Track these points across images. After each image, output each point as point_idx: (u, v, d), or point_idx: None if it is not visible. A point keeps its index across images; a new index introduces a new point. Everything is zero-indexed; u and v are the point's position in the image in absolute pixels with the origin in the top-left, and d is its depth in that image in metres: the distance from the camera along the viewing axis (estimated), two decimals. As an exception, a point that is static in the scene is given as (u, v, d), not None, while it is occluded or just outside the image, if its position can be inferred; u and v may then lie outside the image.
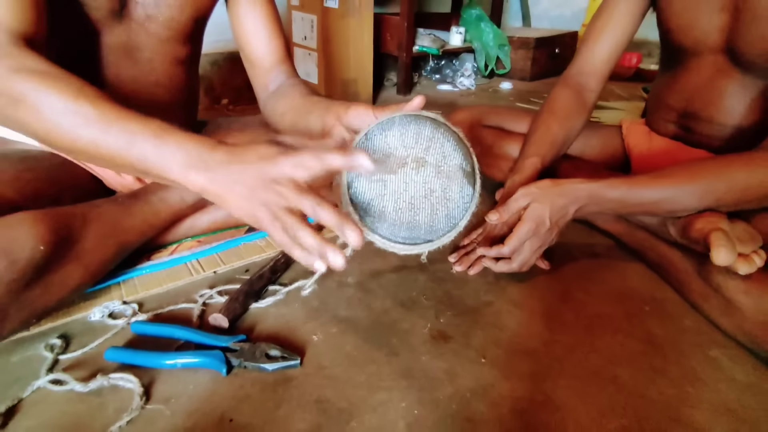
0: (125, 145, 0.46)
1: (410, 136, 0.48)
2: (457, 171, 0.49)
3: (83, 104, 0.47)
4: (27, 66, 0.48)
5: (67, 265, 0.55)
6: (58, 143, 0.49)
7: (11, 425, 0.45)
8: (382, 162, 0.47)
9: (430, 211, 0.49)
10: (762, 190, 0.60)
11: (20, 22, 0.51)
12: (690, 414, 0.49)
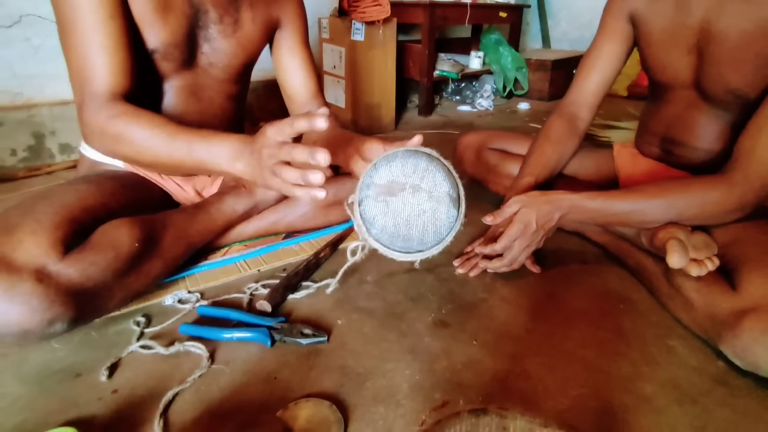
0: (187, 153, 0.66)
1: (409, 166, 0.62)
2: (445, 196, 0.63)
3: (157, 131, 0.66)
4: (119, 112, 0.68)
5: (152, 259, 0.72)
6: (146, 160, 0.69)
7: (115, 376, 0.61)
8: (386, 187, 0.61)
9: (422, 228, 0.62)
10: (717, 207, 0.71)
11: (117, 84, 0.69)
12: (641, 387, 0.60)
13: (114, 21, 0.67)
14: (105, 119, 0.66)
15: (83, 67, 0.68)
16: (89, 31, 0.66)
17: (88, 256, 0.62)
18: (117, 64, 0.69)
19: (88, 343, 0.67)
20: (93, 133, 0.69)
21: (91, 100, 0.67)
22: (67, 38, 0.67)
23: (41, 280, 0.57)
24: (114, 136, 0.68)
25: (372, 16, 1.70)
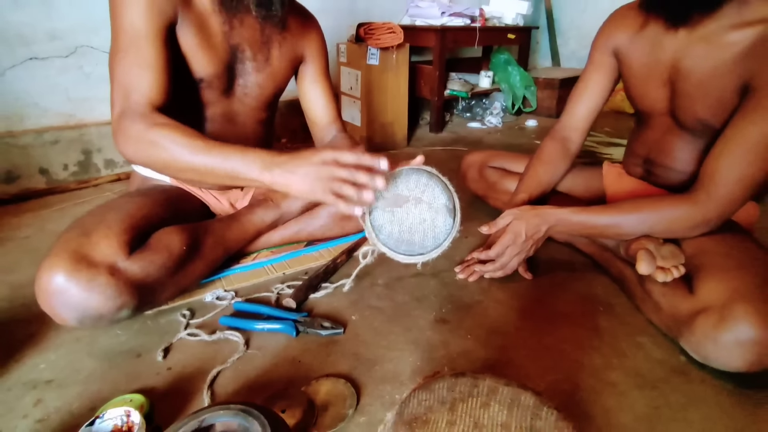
0: (221, 162, 0.72)
1: (412, 182, 0.74)
2: (443, 207, 0.74)
3: (194, 141, 0.73)
4: (157, 122, 0.75)
5: (195, 260, 0.86)
6: (181, 167, 0.74)
7: (169, 357, 0.74)
8: (392, 200, 0.73)
9: (423, 234, 0.74)
10: (683, 223, 0.81)
11: (155, 96, 0.78)
12: (608, 375, 0.70)
13: (159, 47, 0.78)
14: (144, 127, 0.74)
15: (128, 80, 0.77)
16: (139, 50, 0.77)
17: (148, 256, 0.76)
18: (158, 82, 0.79)
19: (145, 331, 0.80)
20: (129, 138, 0.74)
21: (131, 109, 0.76)
22: (118, 55, 0.78)
23: (113, 274, 0.70)
24: (150, 142, 0.74)
25: (386, 42, 1.84)
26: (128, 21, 0.77)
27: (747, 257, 0.75)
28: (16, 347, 0.77)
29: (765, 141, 0.73)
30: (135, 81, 0.77)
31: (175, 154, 0.73)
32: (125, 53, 0.77)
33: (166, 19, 0.79)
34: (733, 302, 0.66)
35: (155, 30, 0.78)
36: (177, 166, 0.74)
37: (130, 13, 0.76)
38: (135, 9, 0.76)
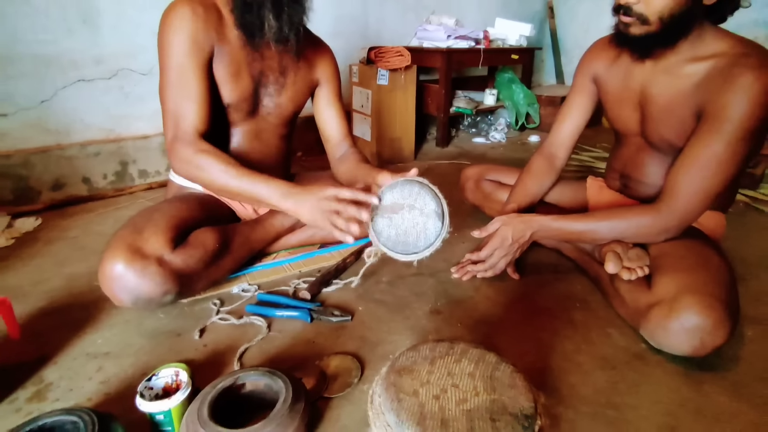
0: (250, 187, 0.91)
1: (406, 192, 0.87)
2: (433, 213, 0.87)
3: (230, 168, 0.92)
4: (203, 149, 0.93)
5: (225, 257, 1.00)
6: (217, 187, 0.94)
7: (204, 336, 0.88)
8: (390, 207, 0.86)
9: (416, 236, 0.87)
10: (647, 230, 0.92)
11: (199, 124, 0.95)
12: (577, 358, 0.82)
13: (202, 81, 0.96)
14: (192, 152, 0.92)
15: (177, 110, 0.94)
16: (184, 86, 0.94)
17: (188, 251, 0.91)
18: (201, 112, 0.96)
19: (183, 315, 0.95)
20: (181, 161, 0.94)
21: (181, 137, 0.94)
22: (168, 88, 0.95)
23: (161, 264, 0.85)
24: (197, 165, 0.93)
25: (395, 64, 2.00)
26: (174, 59, 0.93)
27: (700, 259, 0.86)
28: (77, 326, 0.91)
29: (716, 159, 0.85)
30: (183, 112, 0.94)
31: (215, 177, 0.92)
32: (173, 87, 0.94)
33: (205, 54, 0.95)
34: (680, 295, 0.77)
35: (197, 65, 0.94)
36: (216, 187, 0.95)
37: (176, 52, 0.92)
38: (180, 48, 0.92)
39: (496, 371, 0.54)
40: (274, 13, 0.92)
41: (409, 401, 0.49)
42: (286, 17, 0.94)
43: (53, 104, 1.58)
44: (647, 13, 0.85)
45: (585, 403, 0.72)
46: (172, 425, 0.66)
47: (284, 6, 0.93)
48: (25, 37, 1.48)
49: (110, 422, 0.59)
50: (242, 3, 0.93)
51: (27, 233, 1.37)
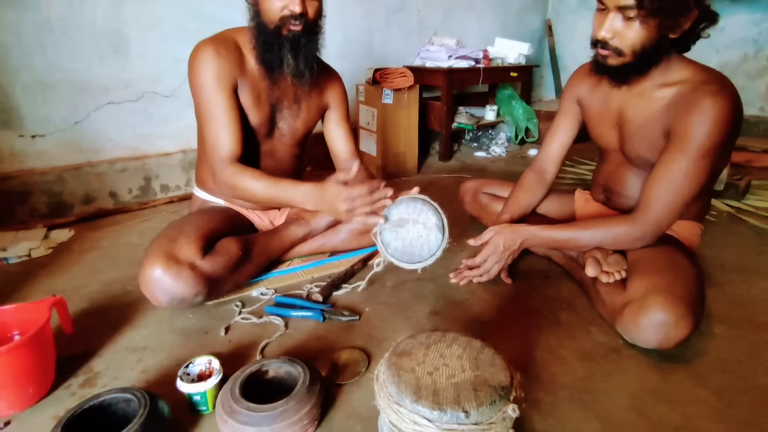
0: (277, 193, 1.05)
1: (410, 208, 0.98)
2: (434, 226, 0.98)
3: (262, 180, 1.05)
4: (237, 171, 1.07)
5: (247, 263, 1.12)
6: (257, 198, 1.08)
7: (229, 333, 0.99)
8: (396, 222, 0.98)
9: (419, 247, 0.98)
10: (624, 238, 1.03)
11: (235, 151, 1.09)
12: (559, 351, 0.92)
13: (231, 110, 1.09)
14: (229, 175, 1.06)
15: (214, 142, 1.09)
16: (217, 118, 1.08)
17: (215, 258, 1.03)
18: (234, 138, 1.09)
19: (209, 315, 1.06)
20: (221, 183, 1.09)
21: (219, 163, 1.08)
22: (204, 123, 1.10)
23: (193, 269, 0.97)
24: (233, 185, 1.08)
25: (399, 84, 2.13)
26: (206, 96, 1.07)
27: (670, 263, 0.97)
28: (116, 325, 1.03)
29: (682, 174, 0.96)
30: (219, 142, 1.08)
31: (252, 191, 1.07)
32: (208, 120, 1.08)
33: (231, 87, 1.09)
34: (649, 295, 0.88)
35: (225, 98, 1.07)
36: (254, 198, 1.10)
37: (206, 89, 1.06)
38: (209, 85, 1.06)
39: (480, 354, 0.64)
40: (292, 53, 1.06)
41: (408, 376, 0.59)
42: (302, 56, 1.07)
43: (85, 125, 1.72)
44: (622, 46, 0.97)
45: (564, 389, 0.82)
46: (206, 404, 0.77)
47: (301, 47, 1.06)
48: (63, 66, 1.63)
49: (157, 400, 0.70)
50: (264, 43, 1.06)
51: (62, 243, 1.50)
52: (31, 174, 1.64)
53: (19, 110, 1.58)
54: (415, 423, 0.55)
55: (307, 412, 0.69)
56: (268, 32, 1.06)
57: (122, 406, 0.71)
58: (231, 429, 0.67)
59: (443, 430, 0.54)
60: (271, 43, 1.06)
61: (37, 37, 1.56)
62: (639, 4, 0.89)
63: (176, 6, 1.81)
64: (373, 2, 2.49)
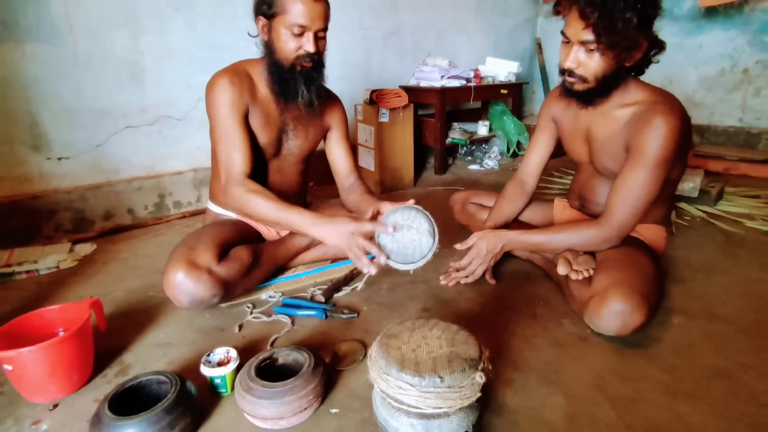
0: (285, 217, 1.15)
1: (405, 215, 1.11)
2: (426, 232, 1.11)
3: (271, 203, 1.16)
4: (249, 188, 1.19)
5: (256, 269, 1.25)
6: (263, 218, 1.19)
7: (242, 330, 1.12)
8: (392, 227, 1.11)
9: (413, 249, 1.11)
10: (592, 240, 1.16)
11: (245, 167, 1.23)
12: (533, 340, 1.04)
13: (243, 133, 1.23)
14: (240, 192, 1.19)
15: (227, 161, 1.22)
16: (230, 140, 1.21)
17: (229, 264, 1.16)
18: (245, 158, 1.23)
19: (224, 316, 1.19)
20: (234, 199, 1.20)
21: (233, 180, 1.20)
22: (218, 143, 1.22)
23: (210, 274, 1.10)
24: (243, 202, 1.19)
25: (394, 104, 2.29)
26: (220, 120, 1.20)
27: (631, 261, 1.09)
28: (142, 325, 1.16)
29: (640, 183, 1.09)
30: (232, 160, 1.21)
31: (260, 211, 1.17)
32: (222, 141, 1.21)
33: (242, 112, 1.23)
34: (610, 288, 1.00)
35: (237, 122, 1.21)
36: (261, 218, 1.19)
37: (221, 115, 1.20)
38: (223, 111, 1.20)
39: (456, 335, 0.77)
40: (306, 86, 1.20)
41: (395, 352, 0.72)
42: (313, 88, 1.22)
43: (106, 148, 1.88)
44: (586, 75, 1.11)
45: (534, 370, 0.94)
46: (225, 387, 0.89)
47: (313, 80, 1.21)
48: (86, 94, 1.79)
49: (185, 381, 0.83)
50: (280, 78, 1.20)
51: (86, 256, 1.64)
52: (57, 193, 1.79)
53: (47, 135, 1.74)
54: (400, 388, 0.67)
55: (312, 389, 0.82)
56: (283, 69, 1.20)
57: (155, 388, 0.84)
58: (248, 403, 0.79)
59: (422, 393, 0.66)
60: (287, 78, 1.20)
61: (64, 69, 1.73)
62: (597, 40, 1.03)
63: (188, 37, 1.98)
64: (370, 27, 2.66)
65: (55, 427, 0.84)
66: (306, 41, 1.16)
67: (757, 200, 2.04)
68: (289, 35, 1.15)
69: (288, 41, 1.16)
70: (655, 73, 3.34)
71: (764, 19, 2.71)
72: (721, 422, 0.79)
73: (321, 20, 1.16)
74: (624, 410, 0.83)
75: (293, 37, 1.15)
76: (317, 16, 1.14)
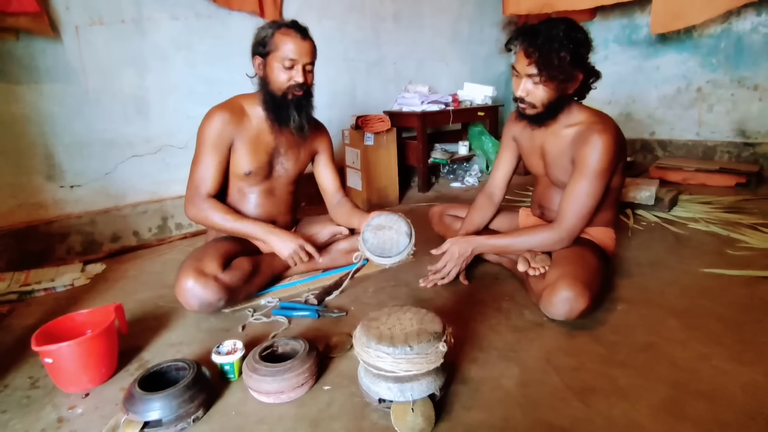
0: (242, 228, 1.39)
1: (389, 218, 1.29)
2: (404, 233, 1.29)
3: (227, 215, 1.38)
4: (210, 205, 1.39)
5: (256, 277, 1.42)
6: (221, 229, 1.40)
7: (245, 330, 1.28)
8: (376, 226, 1.29)
9: (391, 246, 1.29)
10: (548, 242, 1.34)
11: (212, 189, 1.41)
12: (497, 327, 1.21)
13: (220, 160, 1.41)
14: (204, 207, 1.39)
15: (198, 179, 1.40)
16: (205, 164, 1.40)
17: (232, 272, 1.33)
18: (213, 180, 1.41)
19: (228, 319, 1.35)
20: (195, 208, 1.40)
21: (197, 196, 1.40)
22: (195, 164, 1.41)
23: (216, 280, 1.27)
24: (204, 216, 1.40)
25: (378, 128, 2.50)
26: (200, 145, 1.41)
27: (578, 258, 1.28)
28: (155, 330, 1.31)
29: (584, 192, 1.29)
30: (201, 179, 1.41)
31: (217, 222, 1.40)
32: (199, 162, 1.42)
33: (226, 143, 1.42)
34: (559, 279, 1.18)
35: (218, 150, 1.41)
36: (219, 228, 1.41)
37: (205, 143, 1.41)
38: (208, 141, 1.40)
39: (425, 317, 0.94)
40: (296, 112, 1.40)
41: (374, 330, 0.89)
42: (303, 114, 1.42)
43: (113, 175, 2.05)
44: (534, 101, 1.31)
45: (495, 350, 1.11)
46: (233, 373, 1.05)
47: (303, 107, 1.41)
48: (96, 127, 1.97)
49: (200, 366, 0.99)
50: (275, 106, 1.41)
51: (97, 275, 1.79)
52: (69, 218, 1.94)
53: (61, 166, 1.91)
54: (378, 356, 0.84)
55: (308, 368, 0.98)
56: (277, 98, 1.40)
57: (174, 374, 0.99)
58: (255, 381, 0.95)
59: (396, 359, 0.83)
60: (280, 105, 1.40)
61: (77, 105, 1.91)
62: (539, 73, 1.24)
63: (188, 74, 2.18)
64: (355, 58, 2.90)
65: (89, 411, 0.99)
66: (296, 73, 1.36)
67: (709, 206, 2.25)
68: (281, 68, 1.36)
69: (280, 74, 1.36)
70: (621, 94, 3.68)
71: (710, 44, 3.00)
72: (645, 381, 0.97)
73: (307, 56, 1.37)
74: (567, 376, 1.00)
75: (284, 69, 1.36)
76: (304, 52, 1.36)
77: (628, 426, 0.85)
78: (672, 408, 0.89)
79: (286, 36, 1.35)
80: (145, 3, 2.01)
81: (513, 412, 0.90)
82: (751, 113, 2.90)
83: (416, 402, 0.86)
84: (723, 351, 1.06)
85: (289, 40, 1.34)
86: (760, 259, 1.56)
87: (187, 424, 0.90)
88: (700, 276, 1.47)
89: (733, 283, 1.40)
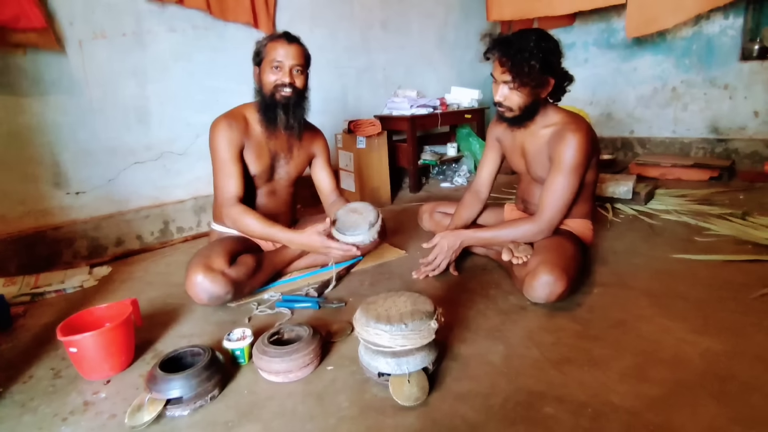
0: (270, 232, 1.46)
1: (363, 206, 1.42)
2: (369, 221, 1.40)
3: (258, 221, 1.46)
4: (240, 210, 1.48)
5: (259, 273, 1.52)
6: (252, 234, 1.49)
7: (251, 322, 1.37)
8: (350, 209, 1.41)
9: (358, 226, 1.39)
10: (529, 233, 1.46)
11: (237, 194, 1.51)
12: (485, 312, 1.32)
13: (237, 165, 1.51)
14: (236, 212, 1.47)
15: (223, 187, 1.50)
16: (226, 171, 1.49)
17: (238, 267, 1.42)
18: (238, 184, 1.51)
19: (235, 312, 1.44)
20: (228, 218, 1.49)
21: (227, 203, 1.49)
22: (217, 174, 1.51)
23: (223, 275, 1.36)
24: (235, 221, 1.48)
25: (369, 132, 2.61)
26: (219, 156, 1.50)
27: (558, 247, 1.39)
28: (166, 324, 1.40)
29: (560, 186, 1.41)
30: (227, 187, 1.50)
31: (249, 228, 1.48)
32: (220, 171, 1.51)
33: (238, 148, 1.52)
34: (539, 266, 1.30)
35: (233, 155, 1.50)
36: (250, 234, 1.50)
37: (220, 152, 1.50)
38: (222, 148, 1.49)
39: (418, 299, 1.05)
40: (283, 111, 1.51)
41: (373, 312, 0.99)
42: (291, 114, 1.52)
43: (117, 182, 2.13)
44: (511, 105, 1.44)
45: (483, 330, 1.22)
46: (243, 358, 1.15)
47: (290, 107, 1.52)
48: (100, 136, 2.06)
49: (215, 351, 1.08)
50: (265, 107, 1.51)
51: (104, 277, 1.87)
52: (75, 223, 2.02)
53: (67, 174, 1.99)
54: (377, 334, 0.94)
55: (312, 349, 1.08)
56: (266, 98, 1.51)
57: (190, 359, 1.08)
58: (265, 362, 1.05)
59: (393, 336, 0.93)
60: (268, 105, 1.51)
61: (81, 115, 2.00)
62: (513, 80, 1.37)
63: (188, 83, 2.27)
64: (345, 65, 3.01)
65: (112, 395, 1.07)
66: (282, 74, 1.47)
67: (683, 198, 2.39)
68: (269, 71, 1.48)
69: (269, 75, 1.49)
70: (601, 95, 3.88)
71: (683, 45, 3.16)
72: (615, 352, 1.08)
73: (294, 58, 1.48)
74: (545, 350, 1.11)
75: (272, 71, 1.48)
76: (291, 54, 1.48)
77: (599, 388, 0.96)
78: (638, 372, 1.00)
79: (275, 42, 1.48)
80: (144, 17, 2.10)
81: (497, 381, 1.01)
82: (723, 111, 3.07)
83: (412, 374, 0.96)
84: (686, 325, 1.18)
85: (278, 45, 1.47)
86: (725, 245, 1.69)
87: (205, 402, 1.00)
88: (670, 261, 1.60)
89: (700, 267, 1.53)
